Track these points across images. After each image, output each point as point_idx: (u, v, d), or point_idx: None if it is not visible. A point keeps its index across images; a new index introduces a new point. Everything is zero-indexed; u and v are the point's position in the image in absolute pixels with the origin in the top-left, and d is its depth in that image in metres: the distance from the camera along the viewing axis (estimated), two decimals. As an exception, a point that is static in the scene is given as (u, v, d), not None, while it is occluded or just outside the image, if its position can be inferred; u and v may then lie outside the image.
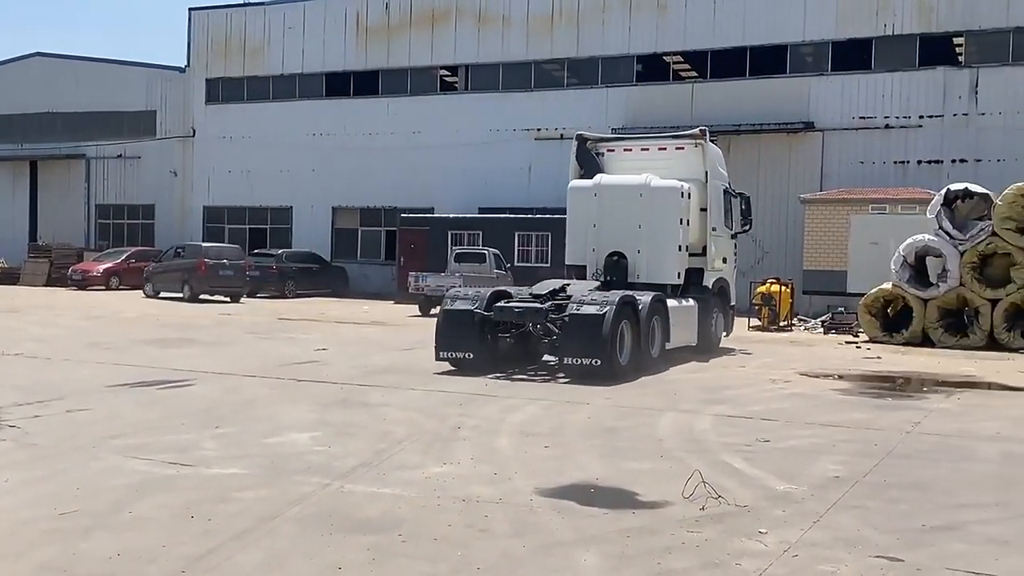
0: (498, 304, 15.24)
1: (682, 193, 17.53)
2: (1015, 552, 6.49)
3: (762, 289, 25.36)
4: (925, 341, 21.12)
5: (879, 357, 18.78)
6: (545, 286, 16.13)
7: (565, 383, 13.99)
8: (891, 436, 10.33)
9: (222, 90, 43.65)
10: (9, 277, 41.76)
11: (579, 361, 14.16)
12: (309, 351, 17.73)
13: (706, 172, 18.34)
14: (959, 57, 31.91)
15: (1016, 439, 10.43)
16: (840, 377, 15.75)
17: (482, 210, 36.34)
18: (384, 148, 39.42)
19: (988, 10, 30.70)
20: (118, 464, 8.45)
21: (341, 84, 41.09)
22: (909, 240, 21.73)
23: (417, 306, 28.83)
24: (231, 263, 33.33)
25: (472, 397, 12.55)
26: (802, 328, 25.49)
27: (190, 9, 44.39)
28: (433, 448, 9.36)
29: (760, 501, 7.56)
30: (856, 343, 21.56)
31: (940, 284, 21.27)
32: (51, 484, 7.78)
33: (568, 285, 16.19)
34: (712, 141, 19.04)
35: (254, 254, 37.92)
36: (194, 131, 43.96)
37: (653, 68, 35.71)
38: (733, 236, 19.99)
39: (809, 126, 32.59)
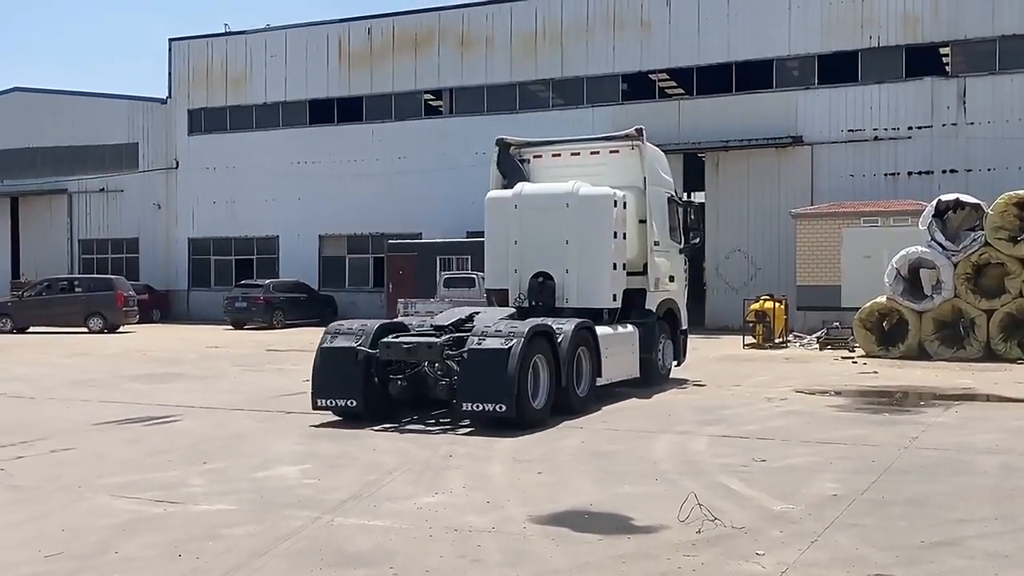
0: (384, 340, 12.77)
1: (615, 202, 15.24)
2: (1015, 566, 6.40)
3: (755, 306, 25.28)
4: (921, 354, 21.03)
5: (876, 372, 18.67)
6: (450, 315, 14.00)
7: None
8: (889, 452, 10.22)
9: (205, 120, 43.60)
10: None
11: (480, 407, 11.78)
12: (298, 382, 17.43)
13: (644, 177, 16.09)
14: (946, 67, 32.03)
15: (1015, 451, 10.32)
16: (837, 393, 15.64)
17: (470, 234, 36.12)
18: (370, 174, 39.37)
19: (973, 19, 30.82)
20: (104, 503, 8.32)
21: (325, 111, 41.08)
22: (902, 252, 21.67)
23: (408, 333, 28.57)
24: (136, 295, 35.69)
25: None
26: (797, 344, 25.37)
27: (170, 39, 44.44)
28: (424, 478, 9.22)
29: (757, 522, 7.46)
30: (852, 358, 21.44)
31: (934, 296, 21.20)
32: (36, 526, 7.64)
33: (476, 314, 13.87)
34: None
35: (241, 285, 37.92)
36: (177, 162, 43.86)
37: (639, 86, 35.77)
38: (682, 251, 17.73)
39: (798, 140, 32.60)
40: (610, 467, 9.67)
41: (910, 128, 31.46)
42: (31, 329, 34.14)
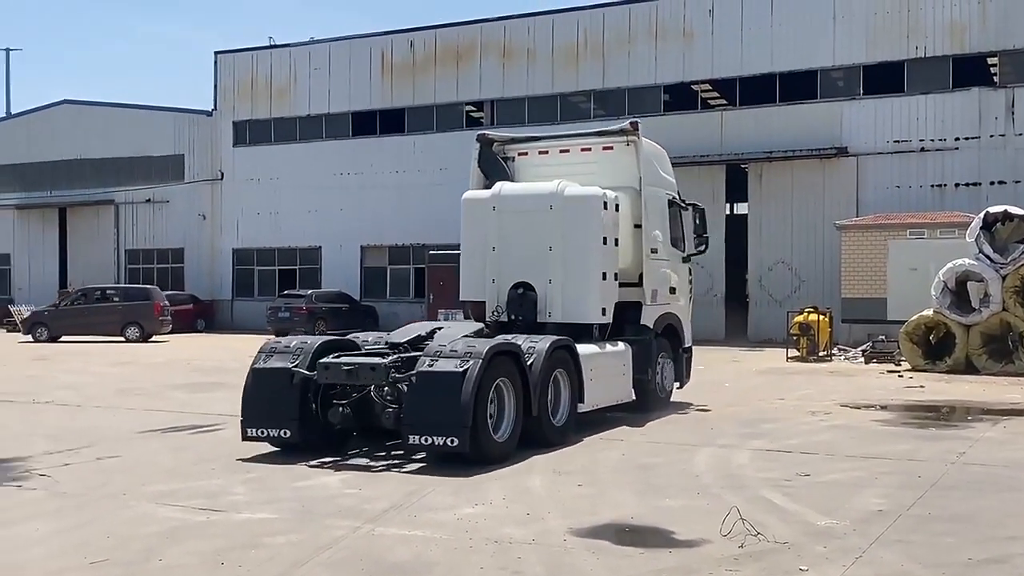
0: (322, 360, 11.01)
1: (605, 203, 13.60)
2: (1068, 586, 6.28)
3: (800, 319, 25.06)
4: (969, 368, 20.74)
5: (922, 386, 18.43)
6: (409, 331, 12.31)
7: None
8: (935, 467, 10.09)
9: (249, 132, 44.01)
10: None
11: (429, 440, 10.11)
12: (341, 391, 17.57)
13: (640, 177, 14.40)
14: (994, 77, 31.61)
15: (1066, 467, 10.15)
16: (882, 407, 15.46)
17: (511, 244, 36.18)
18: (411, 185, 39.52)
19: (1021, 29, 30.36)
20: (148, 511, 8.39)
21: (368, 123, 41.33)
22: (949, 265, 21.41)
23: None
24: (170, 305, 35.82)
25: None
26: (842, 358, 25.11)
27: (216, 52, 44.98)
28: (464, 489, 9.21)
29: (800, 537, 7.37)
30: (898, 372, 21.20)
31: (982, 309, 20.92)
32: (81, 533, 7.73)
33: (438, 330, 12.23)
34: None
35: (284, 295, 38.28)
36: (222, 174, 44.29)
37: (681, 97, 35.63)
38: (685, 259, 16.00)
39: (842, 151, 32.30)
40: (651, 480, 9.61)
41: (957, 139, 31.07)
42: (64, 338, 34.32)
